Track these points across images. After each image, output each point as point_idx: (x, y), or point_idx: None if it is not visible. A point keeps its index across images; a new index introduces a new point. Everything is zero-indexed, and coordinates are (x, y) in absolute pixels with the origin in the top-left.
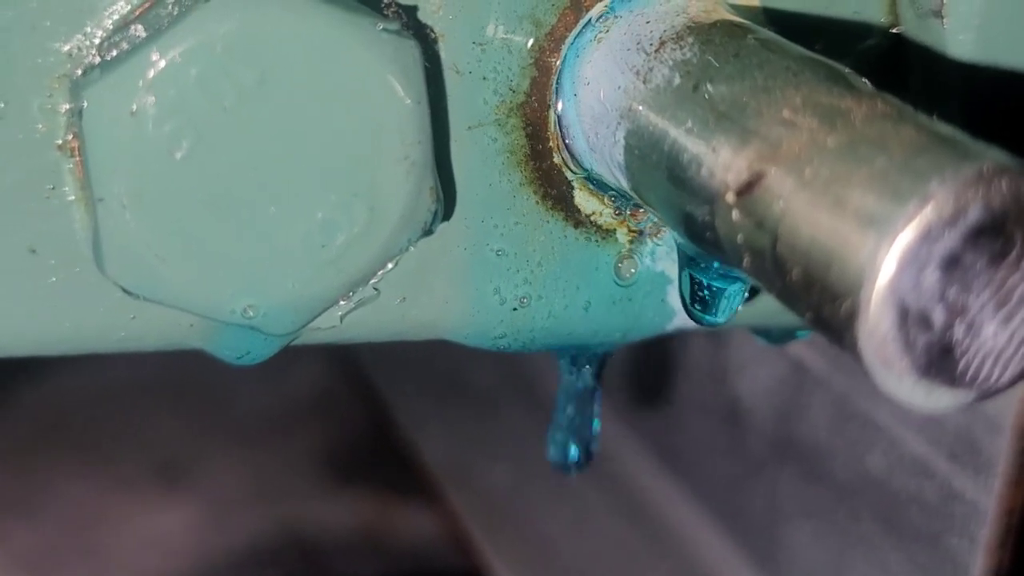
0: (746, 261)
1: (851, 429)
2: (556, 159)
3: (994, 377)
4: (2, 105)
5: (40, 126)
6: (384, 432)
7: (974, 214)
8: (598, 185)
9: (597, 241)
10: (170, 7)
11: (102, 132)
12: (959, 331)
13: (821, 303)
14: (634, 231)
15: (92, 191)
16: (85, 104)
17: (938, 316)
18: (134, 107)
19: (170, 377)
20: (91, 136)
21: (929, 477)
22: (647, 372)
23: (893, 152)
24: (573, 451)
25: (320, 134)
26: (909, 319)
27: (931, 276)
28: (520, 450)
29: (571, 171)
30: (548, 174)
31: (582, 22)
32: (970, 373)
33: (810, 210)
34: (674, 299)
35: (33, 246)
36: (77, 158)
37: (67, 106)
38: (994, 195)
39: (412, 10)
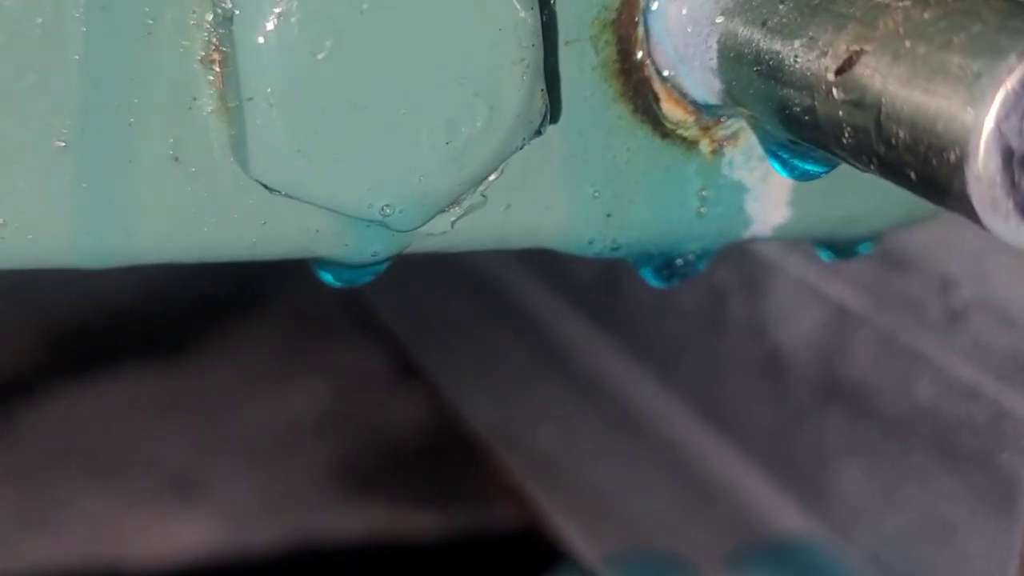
0: (847, 136)
1: (897, 364)
2: (645, 73)
3: None
4: (150, 22)
5: (185, 41)
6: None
7: None
8: (684, 96)
9: (682, 152)
10: None
11: (253, 35)
12: None
13: (928, 158)
14: (715, 141)
15: (240, 92)
16: (237, 11)
17: None
18: (281, 9)
19: (172, 396)
20: (242, 39)
21: (977, 400)
22: (685, 330)
23: (987, 19)
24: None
25: (444, 37)
26: (1014, 161)
27: None
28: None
29: (658, 84)
30: (637, 87)
31: None
32: None
33: (913, 75)
34: (751, 207)
35: (176, 155)
36: (217, 70)
37: (210, 17)
38: None
39: None
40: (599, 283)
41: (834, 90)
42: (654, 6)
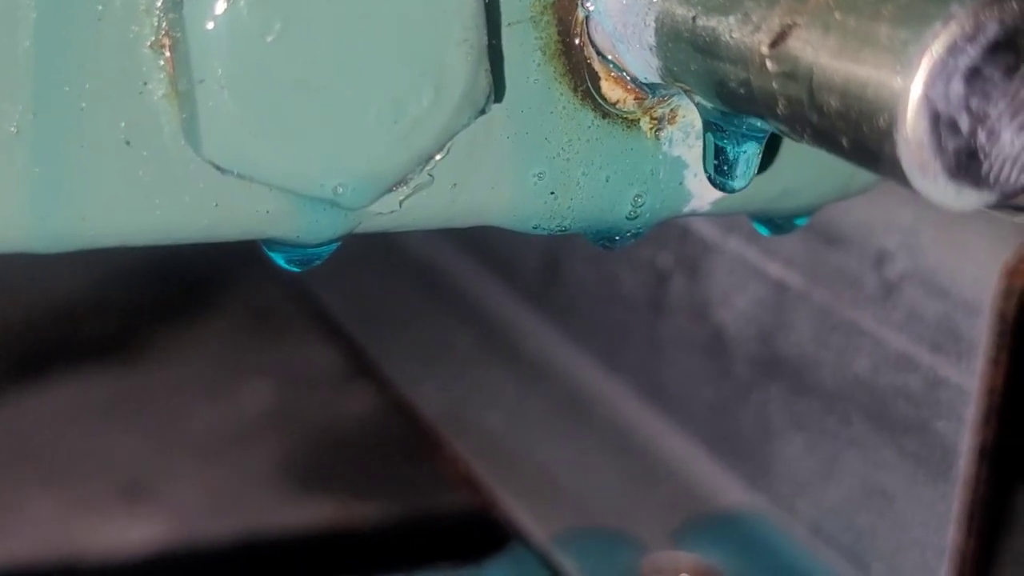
0: (781, 106)
1: (835, 338)
2: (585, 53)
3: (1012, 179)
4: (100, 8)
5: (135, 27)
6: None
7: (991, 29)
8: (623, 75)
9: (623, 130)
10: None
11: (203, 19)
12: (982, 137)
13: (859, 124)
14: (655, 119)
15: (192, 75)
16: None
17: (964, 123)
18: None
19: (121, 397)
20: (192, 23)
21: (914, 370)
22: (627, 313)
23: None
24: None
25: (391, 19)
26: (940, 125)
27: (957, 87)
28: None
29: (598, 64)
30: (578, 68)
31: None
32: (992, 175)
33: (843, 44)
34: (690, 183)
35: (128, 139)
36: (167, 55)
37: (159, 3)
38: (1007, 13)
39: None
40: (542, 270)
41: (768, 63)
42: None
